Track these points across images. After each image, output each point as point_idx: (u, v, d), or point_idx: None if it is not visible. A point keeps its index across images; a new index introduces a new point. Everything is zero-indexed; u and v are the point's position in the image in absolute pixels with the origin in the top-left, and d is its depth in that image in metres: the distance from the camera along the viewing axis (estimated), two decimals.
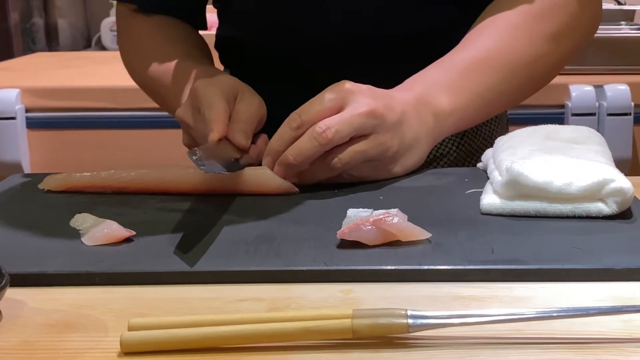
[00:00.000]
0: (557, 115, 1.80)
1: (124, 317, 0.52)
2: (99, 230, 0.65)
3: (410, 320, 0.48)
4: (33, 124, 1.85)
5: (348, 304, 0.54)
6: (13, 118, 1.82)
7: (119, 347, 0.48)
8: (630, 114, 1.79)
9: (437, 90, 0.83)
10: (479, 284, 0.57)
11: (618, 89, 1.80)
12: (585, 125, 0.87)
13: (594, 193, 0.67)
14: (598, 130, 1.13)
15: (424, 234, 0.63)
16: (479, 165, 0.85)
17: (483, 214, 0.70)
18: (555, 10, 0.87)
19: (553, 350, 0.47)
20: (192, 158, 0.72)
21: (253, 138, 0.84)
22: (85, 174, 0.80)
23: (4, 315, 0.53)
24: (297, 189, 0.77)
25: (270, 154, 0.78)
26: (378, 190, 0.78)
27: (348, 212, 0.66)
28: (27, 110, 1.85)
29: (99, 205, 0.75)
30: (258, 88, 0.92)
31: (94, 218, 0.68)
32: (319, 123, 0.75)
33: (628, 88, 1.80)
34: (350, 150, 0.76)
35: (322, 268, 0.58)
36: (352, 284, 0.57)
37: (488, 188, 0.73)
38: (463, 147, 0.99)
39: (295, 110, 0.78)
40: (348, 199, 0.75)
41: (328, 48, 0.94)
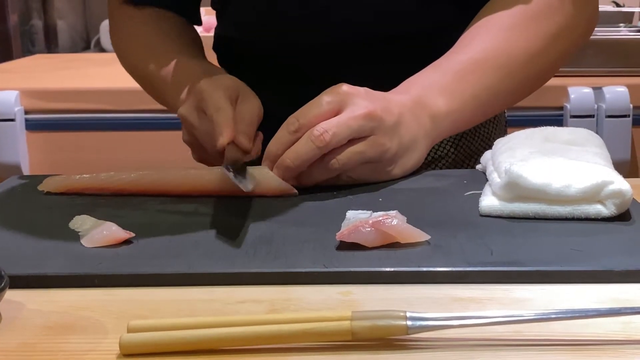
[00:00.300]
0: (555, 117, 1.80)
1: (123, 318, 0.52)
2: (98, 232, 0.65)
3: (410, 322, 0.48)
4: (32, 126, 1.85)
5: (347, 306, 0.54)
6: (12, 120, 1.82)
7: (118, 349, 0.48)
8: (629, 116, 1.79)
9: (433, 93, 0.83)
10: (478, 286, 0.57)
11: (617, 91, 1.80)
12: (584, 127, 0.87)
13: (593, 195, 0.67)
14: (597, 132, 1.13)
15: (423, 236, 0.63)
16: (478, 167, 0.86)
17: (482, 216, 0.70)
18: (551, 11, 0.87)
19: (552, 352, 0.47)
20: (233, 180, 0.71)
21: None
22: (85, 176, 0.80)
23: (3, 317, 0.53)
24: (295, 191, 0.77)
25: (269, 157, 0.78)
26: (377, 192, 0.78)
27: (347, 213, 0.66)
28: (26, 112, 1.85)
29: (98, 207, 0.75)
30: (257, 89, 0.92)
31: (93, 220, 0.68)
32: (317, 126, 0.75)
33: (627, 90, 1.80)
34: (349, 152, 0.76)
35: (321, 270, 0.58)
36: (351, 286, 0.57)
37: (487, 190, 0.73)
38: (461, 148, 0.99)
39: (293, 114, 0.78)
40: (347, 201, 0.75)
41: (327, 48, 0.94)
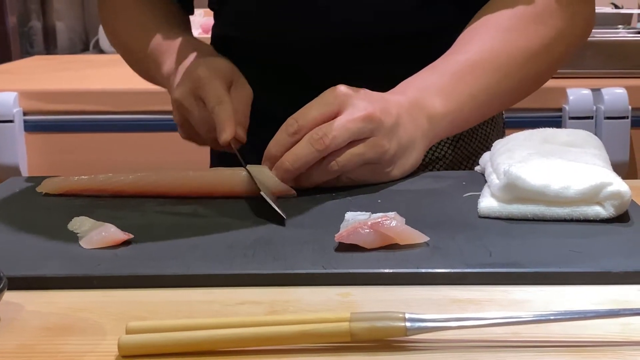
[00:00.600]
0: (554, 119, 1.80)
1: (122, 320, 0.52)
2: (97, 234, 0.65)
3: (408, 324, 0.48)
4: (31, 127, 1.85)
5: (346, 307, 0.54)
6: (11, 121, 1.82)
7: (117, 350, 0.48)
8: (628, 118, 1.79)
9: (430, 94, 0.83)
10: (477, 287, 0.57)
11: (615, 93, 1.80)
12: (583, 129, 0.87)
13: (592, 196, 0.67)
14: (595, 134, 1.13)
15: (422, 237, 0.63)
16: (477, 169, 0.86)
17: (481, 217, 0.70)
18: (549, 14, 0.88)
19: (550, 354, 0.47)
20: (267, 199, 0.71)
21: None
22: (83, 177, 0.80)
23: (2, 319, 0.53)
24: (294, 192, 0.77)
25: (269, 159, 0.78)
26: (376, 194, 0.78)
27: (346, 215, 0.66)
28: (24, 114, 1.85)
29: (97, 209, 0.75)
30: (255, 89, 0.92)
31: (92, 221, 0.68)
32: (316, 129, 0.75)
33: (625, 91, 1.80)
34: (348, 154, 0.77)
35: (320, 271, 0.58)
36: (350, 287, 0.57)
37: (486, 191, 0.73)
38: (459, 150, 0.99)
39: (292, 115, 0.77)
40: (346, 202, 0.75)
41: (326, 48, 0.94)
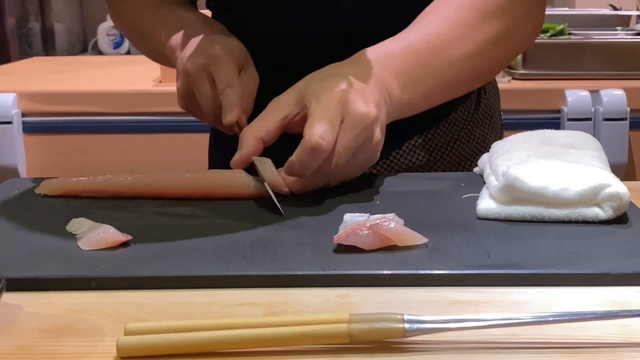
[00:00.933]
0: (553, 120, 1.80)
1: (121, 321, 0.52)
2: (95, 235, 0.65)
3: (407, 325, 0.48)
4: (29, 129, 1.85)
5: (345, 309, 0.54)
6: (9, 122, 1.82)
7: (115, 351, 0.48)
8: (626, 119, 1.79)
9: (391, 77, 0.82)
10: (476, 289, 0.57)
11: (614, 94, 1.81)
12: (581, 130, 0.87)
13: (590, 198, 0.67)
14: (594, 135, 1.13)
15: (421, 239, 0.63)
16: (476, 170, 0.86)
17: (479, 219, 0.70)
18: (503, 12, 0.88)
19: (549, 355, 0.47)
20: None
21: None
22: (82, 179, 0.80)
23: (0, 320, 0.53)
24: (287, 189, 0.77)
25: (297, 174, 0.76)
26: (375, 195, 0.78)
27: (345, 216, 0.66)
28: (23, 115, 1.85)
29: (96, 210, 0.75)
30: (261, 86, 0.91)
31: (91, 222, 0.68)
32: (329, 163, 0.74)
33: (624, 93, 1.80)
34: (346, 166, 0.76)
35: (318, 272, 0.58)
36: (348, 289, 0.57)
37: (484, 193, 0.73)
38: (456, 151, 0.99)
39: (317, 133, 0.73)
40: (345, 204, 0.75)
41: (327, 44, 0.93)
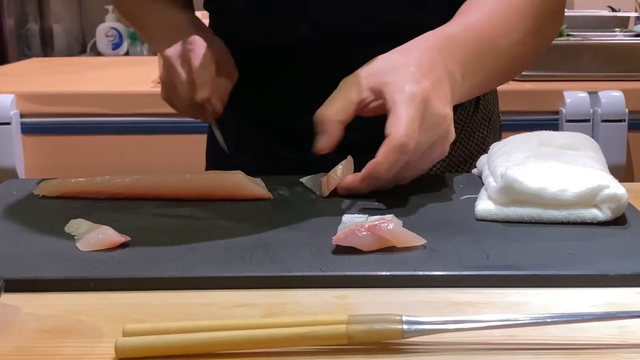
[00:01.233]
0: (551, 122, 1.80)
1: (119, 322, 0.52)
2: (94, 236, 0.65)
3: (405, 326, 0.48)
4: (28, 130, 1.85)
5: (343, 310, 0.54)
6: (8, 123, 1.82)
7: (114, 352, 0.48)
8: (625, 121, 1.79)
9: (456, 65, 0.80)
10: (474, 290, 0.57)
11: (612, 96, 1.80)
12: (580, 132, 0.87)
13: (589, 199, 0.67)
14: (592, 137, 1.13)
15: (419, 240, 0.63)
16: (474, 171, 0.86)
17: (478, 220, 0.70)
18: (535, 7, 0.87)
19: (548, 356, 0.47)
20: (219, 135, 0.80)
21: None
22: (80, 180, 0.80)
23: None
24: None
25: (375, 177, 0.75)
26: (373, 196, 0.78)
27: (343, 217, 0.66)
28: (22, 116, 1.85)
29: (94, 211, 0.75)
30: (250, 89, 0.91)
31: (89, 224, 0.68)
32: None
33: (622, 94, 1.80)
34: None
35: (317, 274, 0.58)
36: (347, 290, 0.57)
37: (483, 194, 0.73)
38: (456, 152, 0.98)
39: (405, 132, 0.71)
40: (343, 205, 0.75)
41: (327, 45, 0.92)
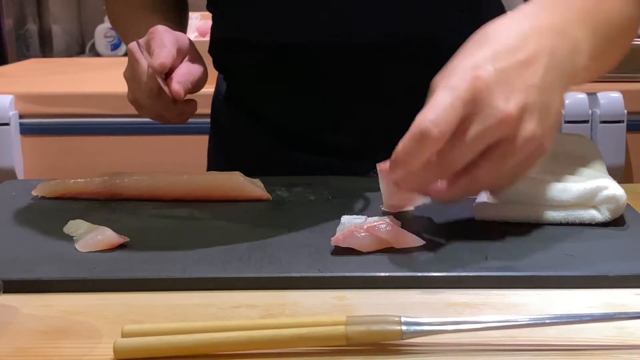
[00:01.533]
0: None
1: (118, 323, 0.52)
2: (93, 237, 0.65)
3: (404, 327, 0.48)
4: (27, 130, 1.85)
5: (342, 311, 0.54)
6: (7, 124, 1.81)
7: (113, 353, 0.48)
8: (623, 122, 1.79)
9: (574, 20, 0.68)
10: (473, 291, 0.57)
11: (611, 97, 1.80)
12: (578, 133, 0.87)
13: (587, 200, 0.67)
14: (591, 138, 1.13)
15: (418, 241, 0.63)
16: None
17: (477, 221, 0.70)
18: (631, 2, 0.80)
19: (546, 357, 0.47)
20: (161, 82, 0.79)
21: (186, 101, 0.87)
22: (79, 181, 0.80)
23: None
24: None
25: (398, 167, 0.61)
26: (372, 197, 0.78)
27: (342, 218, 0.66)
28: (20, 116, 1.84)
29: (93, 212, 0.75)
30: (255, 92, 0.91)
31: (88, 224, 0.68)
32: (448, 152, 0.60)
33: (621, 96, 1.80)
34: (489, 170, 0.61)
35: (316, 275, 0.58)
36: (345, 291, 0.57)
37: (482, 195, 0.73)
38: None
39: (427, 116, 0.59)
40: (342, 206, 0.75)
41: (335, 48, 0.90)
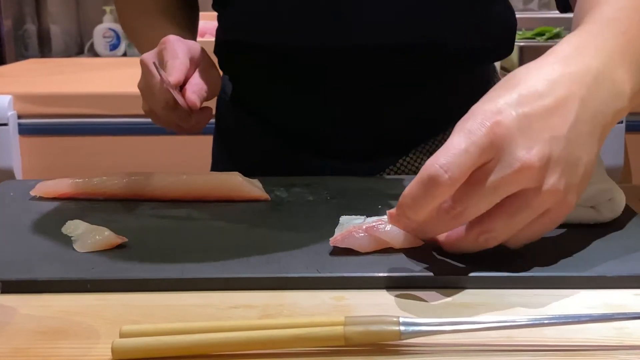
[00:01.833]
0: None
1: (116, 324, 0.52)
2: (91, 237, 0.65)
3: (402, 328, 0.48)
4: (25, 130, 1.85)
5: (340, 311, 0.54)
6: (5, 124, 1.81)
7: (111, 354, 0.48)
8: (622, 122, 1.79)
9: (614, 61, 0.62)
10: (471, 291, 0.57)
11: None
12: None
13: (586, 201, 0.67)
14: None
15: (416, 242, 0.63)
16: None
17: None
18: None
19: (545, 357, 0.47)
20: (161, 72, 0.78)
21: (201, 109, 0.86)
22: (77, 181, 0.80)
23: None
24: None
25: (404, 214, 0.57)
26: (371, 198, 0.78)
27: (340, 219, 0.66)
28: (19, 117, 1.84)
29: (91, 212, 0.75)
30: (261, 96, 0.90)
31: (86, 225, 0.68)
32: (458, 201, 0.56)
33: None
34: (504, 225, 0.58)
35: (314, 275, 0.58)
36: (344, 291, 0.57)
37: None
38: None
39: (439, 159, 0.55)
40: (341, 206, 0.75)
41: (342, 48, 0.90)
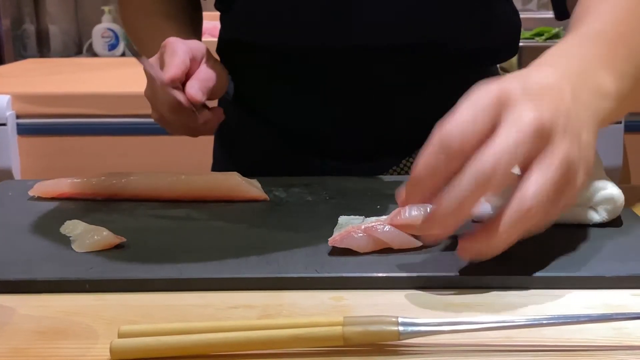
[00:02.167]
0: None
1: (114, 324, 0.51)
2: (90, 237, 0.65)
3: (401, 328, 0.48)
4: (24, 130, 1.85)
5: (339, 311, 0.54)
6: (4, 124, 1.81)
7: (109, 354, 0.48)
8: (621, 122, 1.79)
9: (595, 66, 0.63)
10: (470, 292, 0.57)
11: None
12: None
13: (585, 201, 0.67)
14: None
15: (415, 242, 0.63)
16: None
17: (474, 222, 0.69)
18: None
19: (544, 358, 0.47)
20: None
21: (210, 108, 0.86)
22: (76, 181, 0.80)
23: None
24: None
25: (419, 186, 0.55)
26: (370, 198, 0.78)
27: (339, 219, 0.66)
28: (18, 117, 1.84)
29: (90, 212, 0.75)
30: (264, 96, 0.90)
31: (85, 225, 0.68)
32: (482, 162, 0.53)
33: None
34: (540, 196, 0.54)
35: (313, 275, 0.58)
36: (343, 291, 0.57)
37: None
38: None
39: (447, 128, 0.54)
40: (340, 206, 0.75)
41: (342, 48, 0.89)
